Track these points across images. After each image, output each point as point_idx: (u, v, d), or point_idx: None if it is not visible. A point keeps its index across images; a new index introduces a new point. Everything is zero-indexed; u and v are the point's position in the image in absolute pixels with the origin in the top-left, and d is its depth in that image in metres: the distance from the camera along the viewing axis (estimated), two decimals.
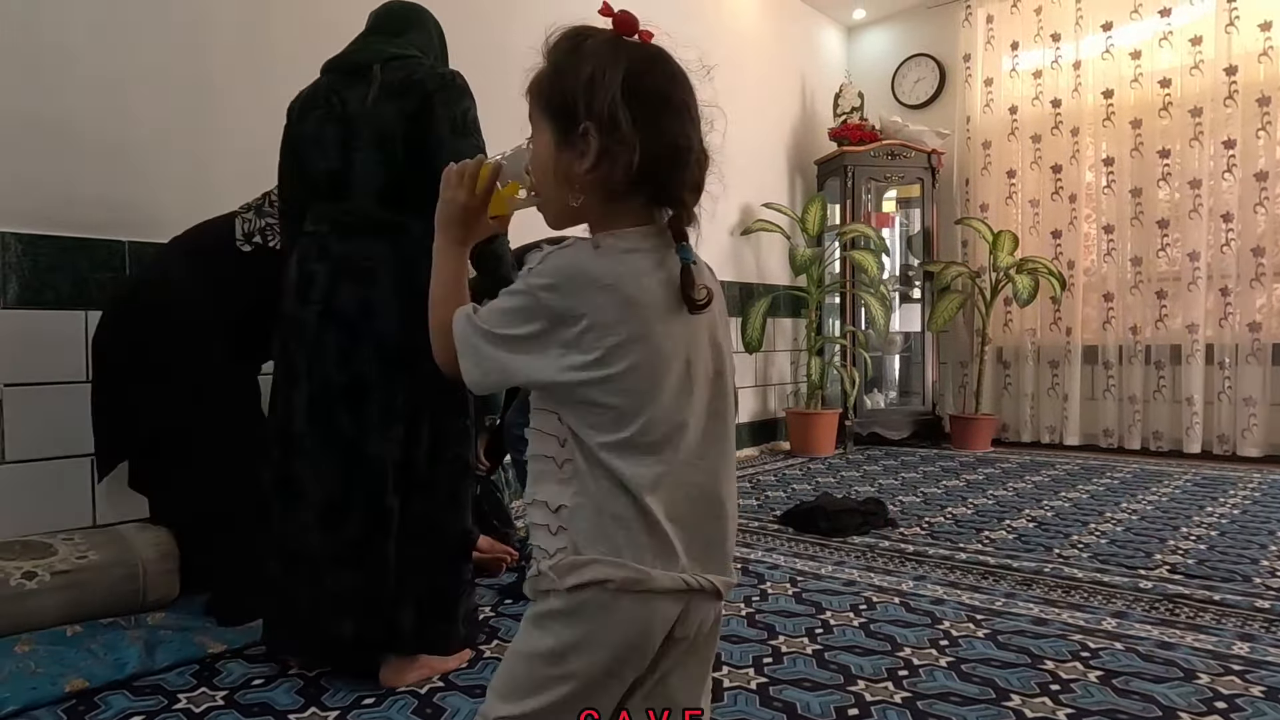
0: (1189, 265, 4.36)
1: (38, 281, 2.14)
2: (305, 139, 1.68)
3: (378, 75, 1.62)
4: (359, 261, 1.59)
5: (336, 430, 1.60)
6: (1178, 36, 4.43)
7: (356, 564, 1.59)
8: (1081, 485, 3.65)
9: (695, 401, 0.81)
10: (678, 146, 0.81)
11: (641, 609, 0.77)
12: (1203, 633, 1.87)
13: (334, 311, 1.59)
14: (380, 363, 1.59)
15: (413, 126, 1.59)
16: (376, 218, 1.61)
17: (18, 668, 1.63)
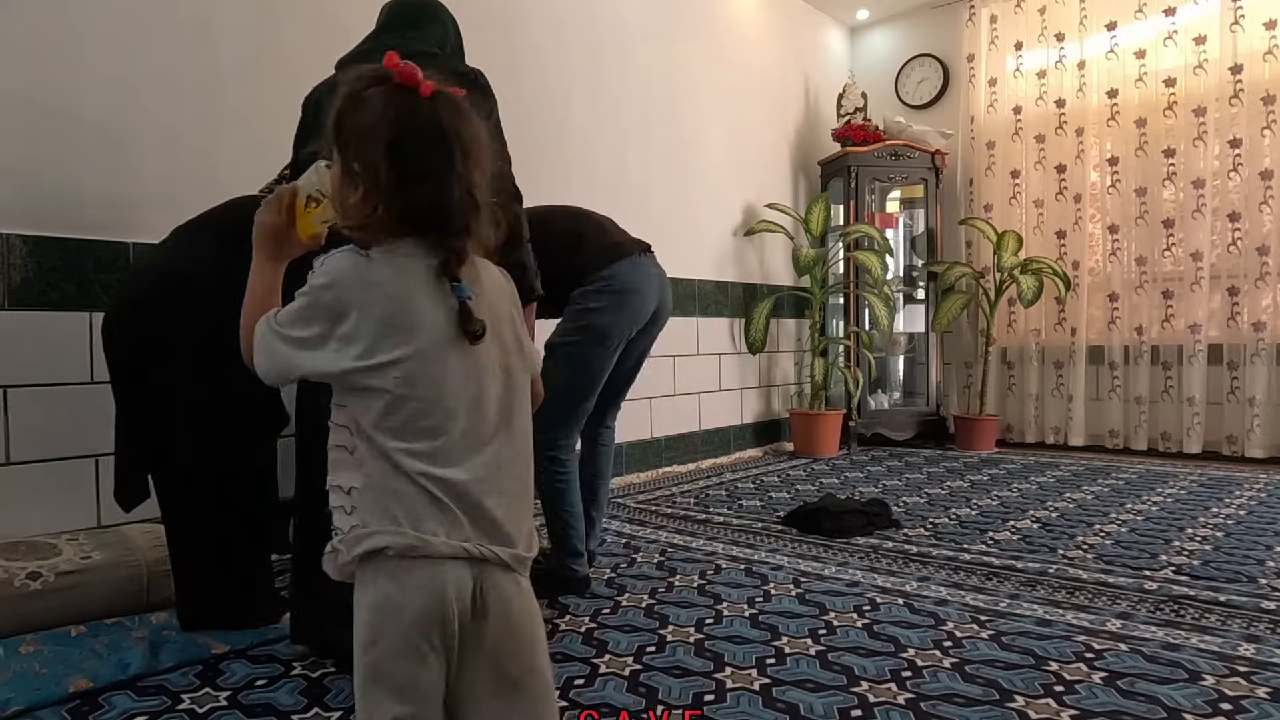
0: (1193, 265, 4.35)
1: (42, 283, 2.15)
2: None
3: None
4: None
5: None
6: (1182, 35, 4.42)
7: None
8: (1086, 486, 3.64)
9: (474, 387, 0.90)
10: (436, 203, 0.89)
11: (426, 573, 0.84)
12: (1208, 634, 1.86)
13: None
14: None
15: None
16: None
17: (22, 668, 1.63)
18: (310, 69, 2.45)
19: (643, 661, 1.73)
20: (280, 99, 2.57)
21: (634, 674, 1.67)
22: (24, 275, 2.12)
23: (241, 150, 2.52)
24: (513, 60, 3.36)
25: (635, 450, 3.99)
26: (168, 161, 2.38)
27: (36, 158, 2.14)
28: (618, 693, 1.59)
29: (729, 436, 4.64)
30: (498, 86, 2.75)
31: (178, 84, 2.40)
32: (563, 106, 3.61)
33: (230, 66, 2.52)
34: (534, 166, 2.80)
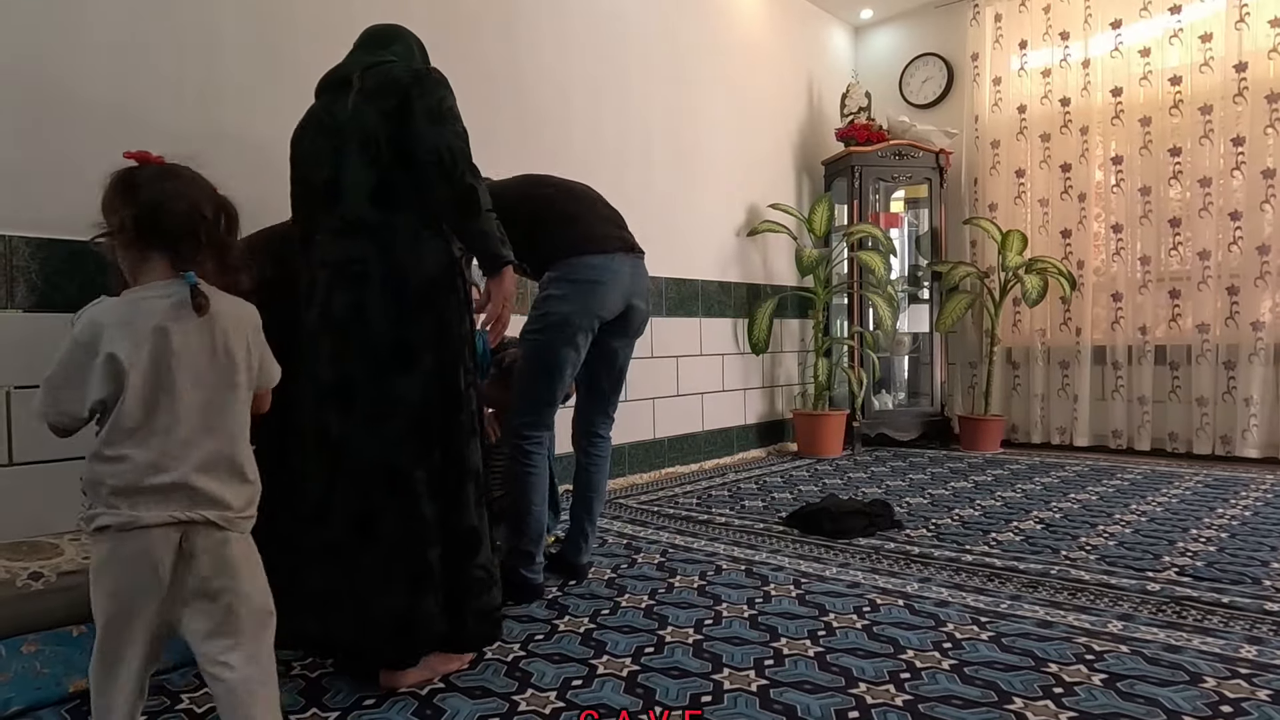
0: (1199, 264, 4.33)
1: (46, 285, 2.16)
2: (305, 158, 1.74)
3: (357, 82, 1.67)
4: (349, 265, 1.63)
5: (325, 429, 1.63)
6: (1188, 34, 4.39)
7: (332, 563, 1.60)
8: (1090, 487, 3.63)
9: (184, 395, 1.16)
10: (168, 240, 1.22)
11: (139, 540, 1.12)
12: (1210, 636, 1.85)
13: (329, 315, 1.63)
14: (369, 362, 1.61)
15: (393, 123, 1.62)
16: (368, 220, 1.64)
17: (23, 668, 1.64)
18: (315, 77, 2.47)
19: (641, 662, 1.74)
20: (284, 107, 2.58)
21: (632, 675, 1.67)
22: (28, 277, 2.13)
23: (244, 156, 2.53)
24: (514, 60, 3.36)
25: (638, 451, 3.99)
26: None
27: (41, 160, 2.15)
28: (615, 694, 1.59)
29: (732, 437, 4.64)
30: (499, 87, 2.78)
31: (182, 90, 2.41)
32: (565, 106, 3.61)
33: (235, 73, 2.53)
34: (535, 165, 2.80)
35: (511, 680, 1.65)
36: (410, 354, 1.62)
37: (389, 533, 1.59)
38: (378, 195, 1.63)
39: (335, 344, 1.62)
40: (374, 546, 1.59)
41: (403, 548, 1.59)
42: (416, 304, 1.62)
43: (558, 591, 2.24)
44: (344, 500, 1.60)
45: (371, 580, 1.58)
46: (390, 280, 1.61)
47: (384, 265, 1.62)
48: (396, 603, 1.58)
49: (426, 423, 1.63)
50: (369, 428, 1.60)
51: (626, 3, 3.96)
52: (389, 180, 1.63)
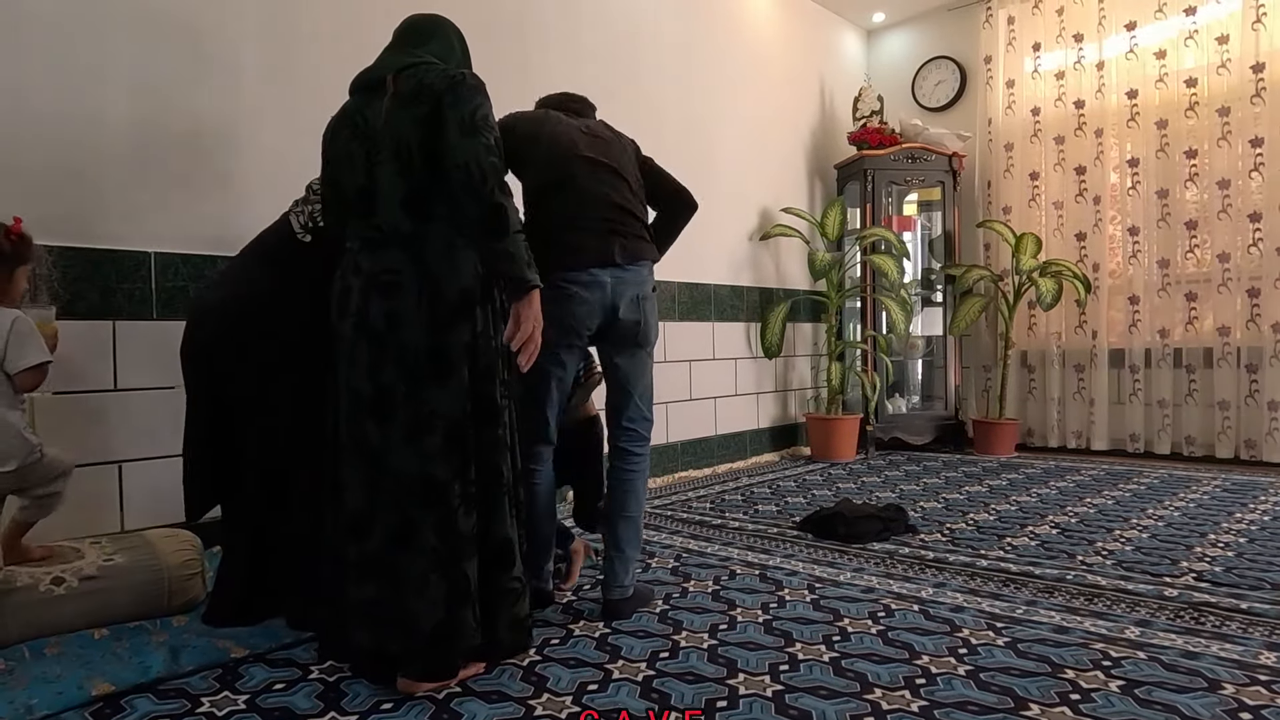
0: (1218, 267, 4.29)
1: (67, 292, 2.19)
2: (337, 160, 1.72)
3: (390, 86, 1.64)
4: (384, 275, 1.62)
5: (364, 441, 1.63)
6: (1203, 35, 4.36)
7: (375, 575, 1.62)
8: (1107, 491, 3.60)
9: None
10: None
11: None
12: (1228, 642, 1.84)
13: (365, 325, 1.63)
14: (406, 374, 1.60)
15: (426, 132, 1.59)
16: (401, 229, 1.63)
17: (45, 672, 1.67)
18: (331, 81, 2.49)
19: (656, 667, 1.74)
20: (301, 112, 2.62)
21: (647, 680, 1.67)
22: (50, 284, 2.17)
23: (261, 162, 2.56)
24: (526, 64, 3.38)
25: (651, 455, 3.99)
26: (188, 173, 2.41)
27: (62, 170, 2.19)
28: (630, 698, 1.59)
29: (745, 441, 4.64)
30: (510, 89, 2.79)
31: (199, 99, 2.44)
32: None
33: (252, 81, 2.56)
34: None
35: (527, 685, 1.66)
36: (446, 365, 1.61)
37: (428, 545, 1.59)
38: (410, 204, 1.62)
39: (372, 354, 1.63)
40: (414, 558, 1.59)
41: (441, 560, 1.59)
42: (451, 314, 1.61)
43: (573, 596, 2.24)
44: (383, 512, 1.61)
45: (412, 592, 1.59)
46: (425, 290, 1.61)
47: (418, 275, 1.61)
48: (436, 614, 1.59)
49: (462, 435, 1.61)
50: (407, 440, 1.60)
51: (638, 7, 3.98)
52: (421, 189, 1.62)
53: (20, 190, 2.12)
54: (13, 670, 1.68)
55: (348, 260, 1.70)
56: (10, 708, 1.52)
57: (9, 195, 2.09)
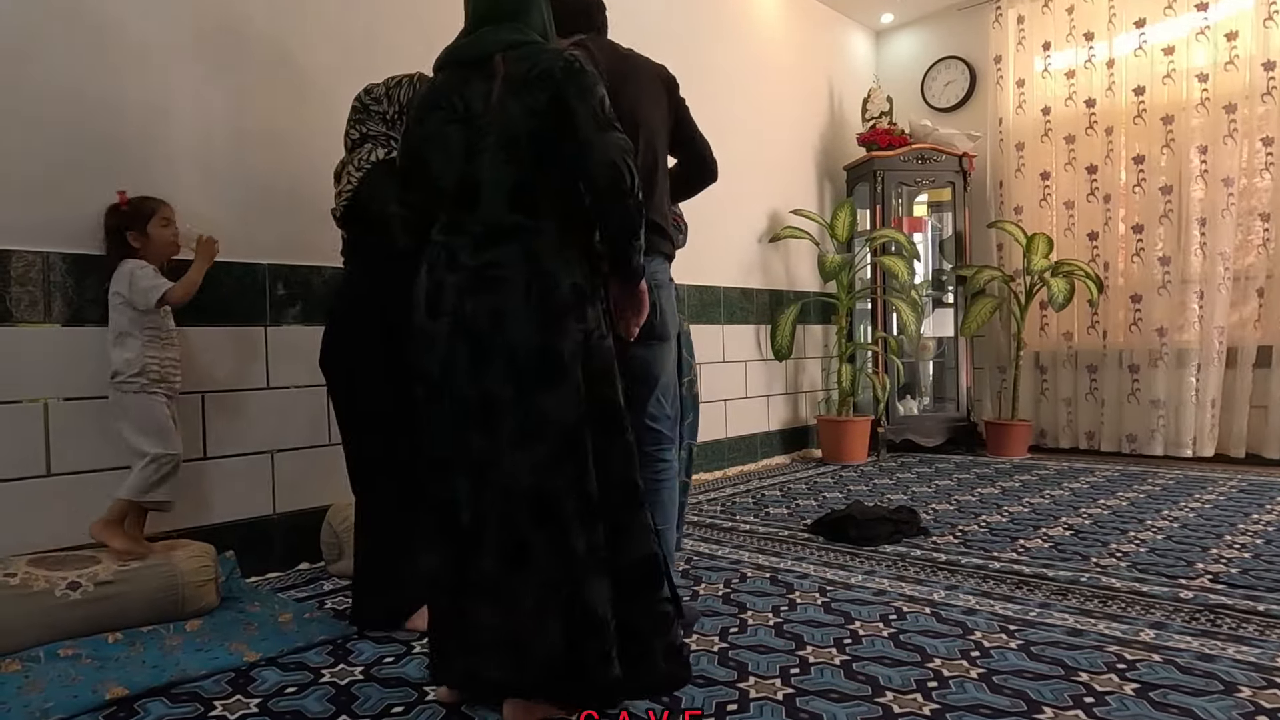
0: (1222, 265, 4.25)
1: (80, 299, 2.21)
2: (429, 142, 1.57)
3: (500, 69, 1.50)
4: (488, 270, 1.49)
5: (468, 451, 1.49)
6: (1214, 32, 4.33)
7: (489, 597, 1.47)
8: (1121, 492, 3.57)
9: None
10: None
11: None
12: (1245, 644, 1.82)
13: (464, 323, 1.50)
14: (514, 376, 1.47)
15: (542, 123, 1.48)
16: (507, 223, 1.51)
17: (60, 675, 1.68)
18: (339, 86, 2.51)
19: None
20: (309, 116, 2.64)
21: None
22: (64, 291, 2.19)
23: (272, 165, 2.58)
24: None
25: None
26: (199, 179, 2.43)
27: (76, 177, 2.21)
28: (640, 701, 1.59)
29: (756, 443, 4.63)
30: None
31: (209, 103, 2.46)
32: None
33: (260, 85, 2.57)
34: None
35: None
36: (558, 367, 1.47)
37: (541, 566, 1.44)
38: (518, 196, 1.50)
39: (473, 356, 1.49)
40: (526, 581, 1.45)
41: (554, 583, 1.44)
42: (563, 312, 1.48)
43: None
44: (493, 530, 1.47)
45: (525, 618, 1.44)
46: (534, 286, 1.47)
47: (527, 270, 1.48)
48: (551, 645, 1.43)
49: (577, 443, 1.46)
50: (515, 449, 1.46)
51: (645, 10, 3.98)
52: (529, 181, 1.50)
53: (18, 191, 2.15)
54: (28, 673, 1.69)
55: (437, 254, 1.55)
56: (26, 711, 1.54)
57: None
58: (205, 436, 2.43)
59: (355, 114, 2.15)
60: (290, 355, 2.62)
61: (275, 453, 2.60)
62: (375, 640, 1.95)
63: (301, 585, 2.43)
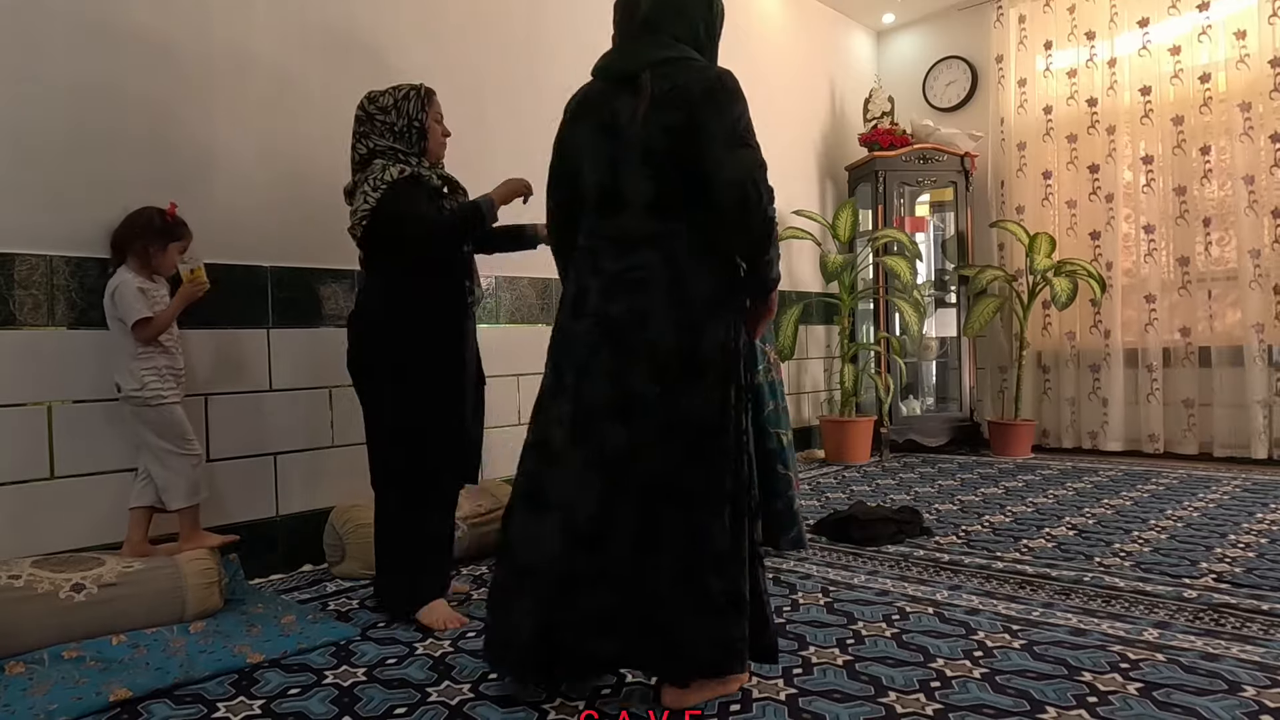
0: (1236, 264, 4.24)
1: (84, 302, 2.22)
2: (578, 147, 1.65)
3: (646, 85, 1.55)
4: (631, 273, 1.56)
5: (602, 444, 1.54)
6: (1218, 30, 4.32)
7: (616, 584, 1.51)
8: (1125, 492, 3.57)
9: None
10: None
11: None
12: (1250, 643, 1.81)
13: (607, 323, 1.56)
14: (654, 374, 1.53)
15: (679, 140, 1.53)
16: (647, 229, 1.57)
17: (65, 677, 1.69)
18: (339, 96, 2.53)
19: None
20: (312, 125, 2.65)
21: (659, 684, 1.67)
22: (67, 295, 2.19)
23: (273, 167, 2.59)
24: (532, 64, 3.39)
25: None
26: (200, 181, 2.44)
27: (78, 183, 2.21)
28: (643, 702, 1.59)
29: None
30: (517, 91, 2.78)
31: (213, 110, 2.47)
32: None
33: (265, 94, 2.58)
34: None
35: (541, 690, 1.66)
36: (695, 366, 1.53)
37: (675, 551, 1.50)
38: (658, 206, 1.57)
39: (615, 354, 1.55)
40: (659, 566, 1.50)
41: (688, 569, 1.50)
42: (701, 315, 1.55)
43: None
44: (625, 519, 1.51)
45: (660, 602, 1.50)
46: (674, 289, 1.54)
47: (668, 274, 1.55)
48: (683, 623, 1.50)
49: (714, 437, 1.53)
50: (655, 443, 1.52)
51: None
52: (669, 191, 1.57)
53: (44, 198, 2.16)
54: (33, 675, 1.70)
55: (583, 259, 1.63)
56: (30, 713, 1.54)
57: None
58: (208, 439, 2.43)
59: (360, 125, 2.17)
60: (292, 357, 2.63)
61: (278, 455, 2.60)
62: (378, 642, 1.95)
63: (305, 587, 2.43)
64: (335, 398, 2.73)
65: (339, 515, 2.53)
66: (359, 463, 2.75)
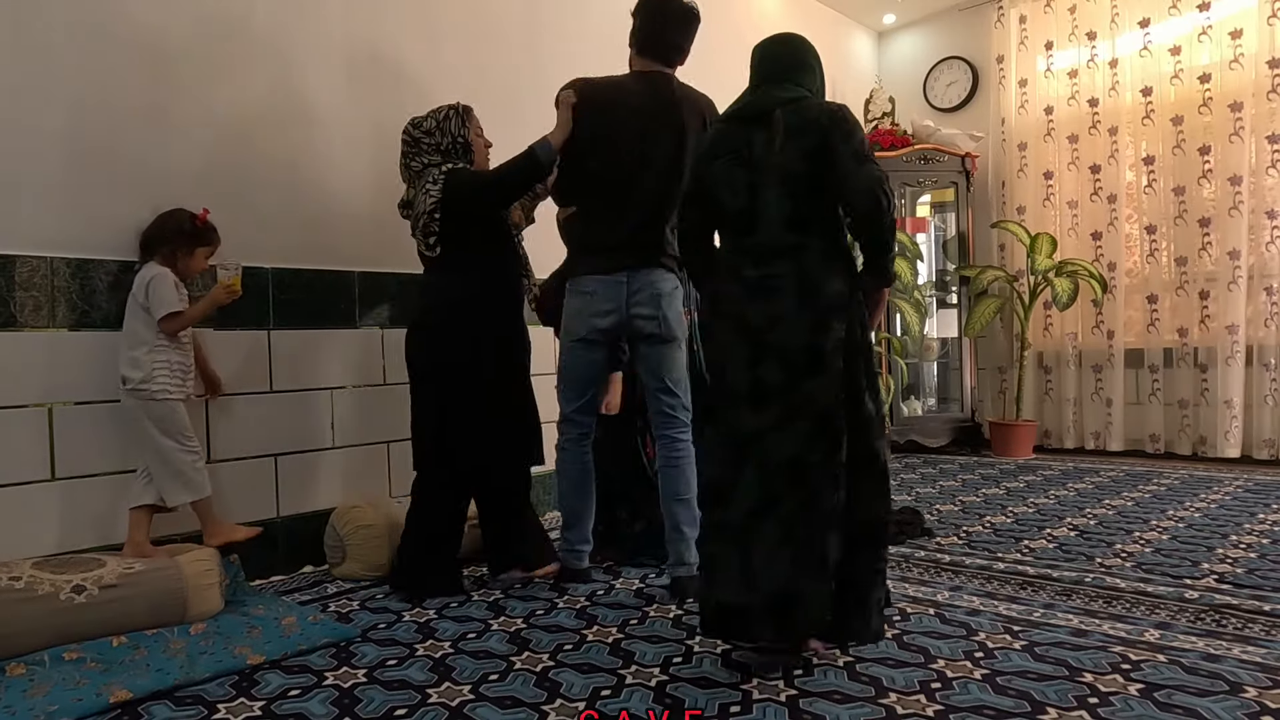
0: (1230, 264, 4.24)
1: (84, 304, 2.22)
2: (715, 179, 1.88)
3: (779, 120, 1.80)
4: (768, 281, 1.79)
5: (738, 425, 1.77)
6: (1217, 30, 4.32)
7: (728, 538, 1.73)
8: (1126, 492, 3.56)
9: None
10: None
11: None
12: (1251, 644, 1.81)
13: (746, 325, 1.79)
14: (785, 368, 1.74)
15: (813, 162, 1.77)
16: (783, 242, 1.80)
17: (65, 678, 1.69)
18: (335, 112, 2.54)
19: (670, 672, 1.74)
20: (307, 139, 2.66)
21: (660, 685, 1.67)
22: (68, 296, 2.20)
23: (274, 170, 2.59)
24: (535, 64, 3.39)
25: None
26: (201, 183, 2.44)
27: (80, 185, 2.22)
28: (643, 704, 1.59)
29: None
30: (519, 89, 2.79)
31: (210, 119, 2.47)
32: None
33: (262, 92, 2.58)
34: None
35: (541, 690, 1.66)
36: (820, 360, 1.74)
37: (784, 517, 1.70)
38: (793, 222, 1.79)
39: (752, 351, 1.77)
40: (766, 528, 1.70)
41: (794, 533, 1.69)
42: (825, 316, 1.76)
43: (585, 601, 2.24)
44: (748, 486, 1.73)
45: (759, 556, 1.69)
46: (805, 295, 1.76)
47: (798, 281, 1.77)
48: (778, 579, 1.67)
49: (831, 421, 1.73)
50: (780, 426, 1.73)
51: None
52: (804, 209, 1.80)
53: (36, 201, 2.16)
54: (33, 676, 1.70)
55: (726, 270, 1.86)
56: (31, 714, 1.54)
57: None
58: (209, 440, 2.44)
59: (407, 147, 2.40)
60: (293, 358, 2.63)
61: (279, 456, 2.60)
62: (378, 643, 1.95)
63: (305, 588, 2.43)
64: (336, 399, 2.73)
65: (339, 516, 2.53)
66: (360, 464, 2.77)
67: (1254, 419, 4.23)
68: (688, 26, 2.35)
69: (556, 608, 2.20)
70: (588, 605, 2.21)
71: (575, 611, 2.16)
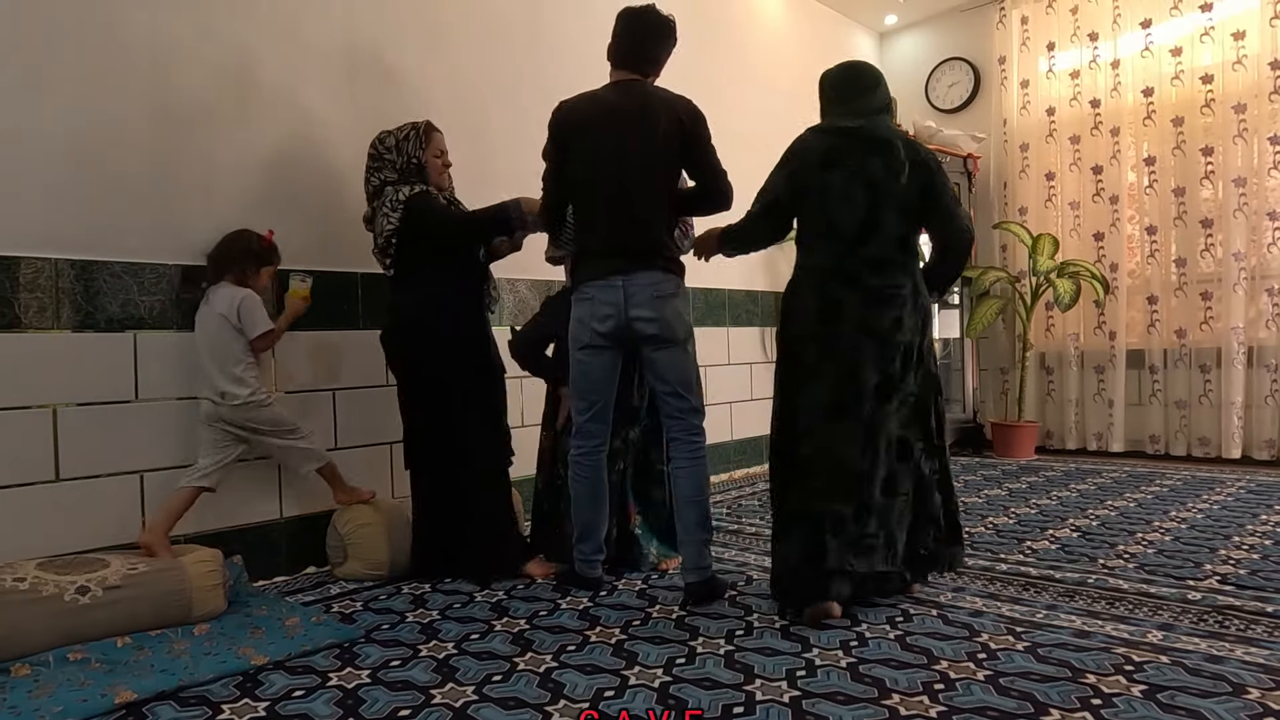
0: (1235, 266, 4.24)
1: (89, 305, 2.23)
2: (829, 190, 2.11)
3: (901, 154, 2.08)
4: (889, 289, 2.08)
5: (861, 415, 2.06)
6: (1219, 31, 4.32)
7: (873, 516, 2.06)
8: (1129, 493, 3.56)
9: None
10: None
11: None
12: (1254, 645, 1.81)
13: (871, 327, 2.06)
14: (904, 365, 2.09)
15: (923, 196, 2.11)
16: (897, 258, 2.10)
17: (70, 679, 1.69)
18: (337, 115, 2.54)
19: (673, 673, 1.74)
20: (306, 142, 2.66)
21: (664, 686, 1.67)
22: (72, 298, 2.20)
23: (275, 172, 2.60)
24: (538, 68, 3.39)
25: None
26: (200, 186, 2.45)
27: (85, 187, 2.22)
28: (647, 704, 1.59)
29: (762, 446, 4.61)
30: (522, 93, 2.78)
31: (214, 121, 2.47)
32: None
33: (265, 108, 2.58)
34: None
35: (544, 691, 1.67)
36: (920, 357, 2.13)
37: (905, 489, 2.12)
38: (903, 241, 2.12)
39: (880, 351, 2.07)
40: (894, 502, 2.10)
41: (915, 499, 2.14)
42: (926, 320, 2.15)
43: (588, 602, 2.25)
44: (876, 468, 2.07)
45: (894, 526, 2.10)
46: (915, 302, 2.10)
47: (913, 291, 2.10)
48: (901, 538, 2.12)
49: (925, 405, 2.15)
50: (895, 412, 2.10)
51: None
52: (913, 230, 2.16)
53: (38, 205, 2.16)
54: (38, 677, 1.71)
55: (834, 276, 2.10)
56: (35, 715, 1.55)
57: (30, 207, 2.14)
58: None
59: (372, 161, 2.47)
60: (294, 360, 2.63)
61: None
62: (382, 644, 1.96)
63: (308, 589, 2.44)
64: (338, 400, 2.73)
65: (341, 517, 2.54)
66: (361, 465, 2.77)
67: (1254, 419, 4.24)
68: (663, 40, 2.36)
69: (559, 609, 2.20)
70: (590, 606, 2.21)
71: (578, 612, 2.16)
